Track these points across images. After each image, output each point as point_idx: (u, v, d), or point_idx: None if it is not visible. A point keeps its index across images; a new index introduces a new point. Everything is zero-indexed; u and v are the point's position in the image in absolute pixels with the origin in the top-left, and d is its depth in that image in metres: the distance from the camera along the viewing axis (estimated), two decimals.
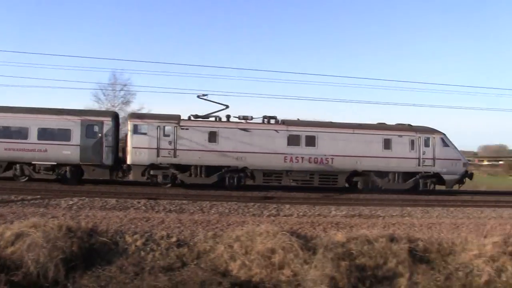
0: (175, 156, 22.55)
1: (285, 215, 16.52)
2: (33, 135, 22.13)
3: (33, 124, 22.19)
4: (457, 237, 14.25)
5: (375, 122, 25.87)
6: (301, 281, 12.57)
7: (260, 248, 13.01)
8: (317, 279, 12.47)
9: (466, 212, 18.59)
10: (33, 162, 22.22)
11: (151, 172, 22.62)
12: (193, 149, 22.62)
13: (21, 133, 22.15)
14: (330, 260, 12.76)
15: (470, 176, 25.67)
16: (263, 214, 16.53)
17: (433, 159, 24.54)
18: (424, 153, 24.49)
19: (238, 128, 23.21)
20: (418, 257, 13.40)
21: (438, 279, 13.04)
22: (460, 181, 25.26)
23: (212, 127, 23.09)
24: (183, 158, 22.63)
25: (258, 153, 22.99)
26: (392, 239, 13.53)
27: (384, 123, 25.59)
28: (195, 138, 22.71)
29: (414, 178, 24.39)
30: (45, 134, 22.24)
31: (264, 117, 24.04)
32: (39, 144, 22.10)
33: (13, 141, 21.97)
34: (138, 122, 22.84)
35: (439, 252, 13.63)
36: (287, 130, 23.61)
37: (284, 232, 13.31)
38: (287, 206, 18.05)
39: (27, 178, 22.37)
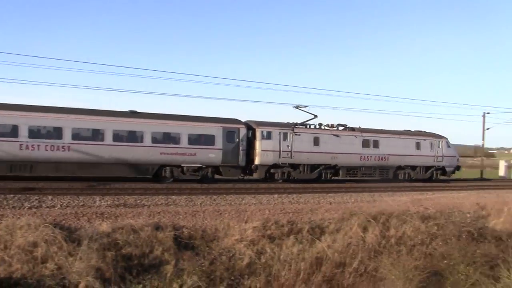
0: (291, 157, 32.12)
1: (47, 207, 18.42)
2: (184, 141, 28.94)
3: (185, 131, 29.00)
4: (220, 223, 17.60)
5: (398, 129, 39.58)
6: (66, 274, 14.36)
7: (21, 242, 14.66)
8: (83, 271, 14.38)
9: (228, 199, 22.68)
10: (182, 165, 28.94)
11: (271, 170, 31.75)
12: (303, 151, 32.58)
13: (174, 139, 28.86)
14: (96, 251, 14.84)
15: (459, 168, 41.72)
16: (24, 206, 18.19)
17: (442, 156, 39.53)
18: (437, 152, 39.18)
19: (332, 134, 34.37)
20: (184, 244, 16.38)
21: (203, 264, 16.15)
22: (453, 171, 41.13)
23: (316, 133, 33.77)
24: (297, 159, 32.36)
25: (345, 153, 34.35)
26: (157, 227, 16.29)
27: (410, 130, 39.54)
28: (305, 142, 32.75)
29: (430, 170, 39.15)
30: (193, 139, 29.34)
31: (339, 125, 35.40)
32: (189, 149, 29.01)
33: (167, 146, 28.58)
34: (265, 129, 31.71)
35: (204, 238, 16.80)
36: (361, 136, 35.61)
37: (46, 224, 15.22)
38: (50, 197, 20.02)
39: (172, 179, 28.80)
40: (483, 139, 55.70)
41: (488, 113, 54.07)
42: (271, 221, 18.81)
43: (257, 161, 31.08)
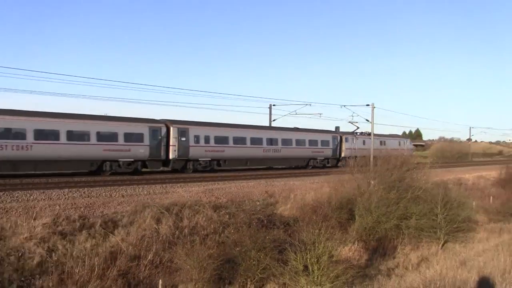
0: (355, 152, 59.14)
1: None
2: (319, 144, 58.93)
3: (318, 138, 59.18)
4: (6, 221, 18.76)
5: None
6: None
7: None
8: None
9: (15, 195, 24.33)
10: (317, 158, 59.69)
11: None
12: (359, 148, 62.65)
13: (315, 143, 58.81)
14: None
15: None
16: None
17: (409, 149, 78.19)
18: (406, 147, 77.16)
19: (369, 138, 59.11)
20: None
21: None
22: None
23: (363, 138, 65.84)
24: (357, 153, 56.50)
25: (374, 149, 57.07)
26: None
27: (397, 134, 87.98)
28: (360, 143, 64.90)
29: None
30: (321, 143, 59.22)
31: (367, 132, 66.27)
32: (320, 148, 59.38)
33: (312, 147, 58.26)
34: (347, 136, 63.76)
35: None
36: (379, 138, 68.04)
37: None
38: None
39: (311, 167, 58.35)
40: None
41: (274, 105, 61.13)
42: (62, 216, 20.57)
43: (342, 155, 62.54)
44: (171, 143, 41.31)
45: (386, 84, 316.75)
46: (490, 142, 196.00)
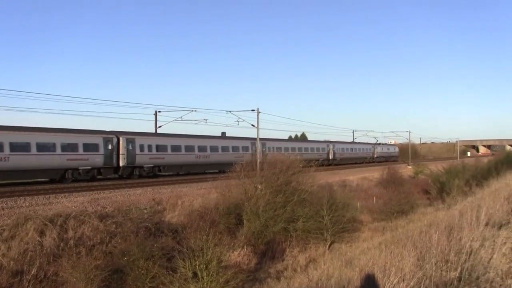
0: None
1: None
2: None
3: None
4: None
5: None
6: None
7: None
8: None
9: None
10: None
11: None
12: (380, 151, 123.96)
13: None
14: None
15: (397, 157, 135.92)
16: None
17: (396, 152, 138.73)
18: (395, 150, 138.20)
19: (383, 146, 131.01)
20: None
21: None
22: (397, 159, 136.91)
23: (381, 146, 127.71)
24: (381, 155, 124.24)
25: (382, 151, 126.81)
26: None
27: (385, 143, 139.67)
28: (380, 149, 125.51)
29: (392, 159, 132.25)
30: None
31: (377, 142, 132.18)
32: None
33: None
34: (376, 145, 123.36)
35: None
36: (383, 145, 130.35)
37: None
38: None
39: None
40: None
41: (159, 111, 60.64)
42: None
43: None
44: None
45: (273, 89, 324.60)
46: None
